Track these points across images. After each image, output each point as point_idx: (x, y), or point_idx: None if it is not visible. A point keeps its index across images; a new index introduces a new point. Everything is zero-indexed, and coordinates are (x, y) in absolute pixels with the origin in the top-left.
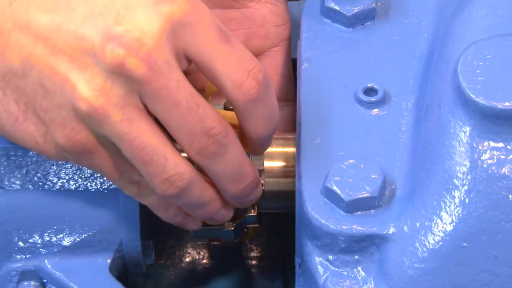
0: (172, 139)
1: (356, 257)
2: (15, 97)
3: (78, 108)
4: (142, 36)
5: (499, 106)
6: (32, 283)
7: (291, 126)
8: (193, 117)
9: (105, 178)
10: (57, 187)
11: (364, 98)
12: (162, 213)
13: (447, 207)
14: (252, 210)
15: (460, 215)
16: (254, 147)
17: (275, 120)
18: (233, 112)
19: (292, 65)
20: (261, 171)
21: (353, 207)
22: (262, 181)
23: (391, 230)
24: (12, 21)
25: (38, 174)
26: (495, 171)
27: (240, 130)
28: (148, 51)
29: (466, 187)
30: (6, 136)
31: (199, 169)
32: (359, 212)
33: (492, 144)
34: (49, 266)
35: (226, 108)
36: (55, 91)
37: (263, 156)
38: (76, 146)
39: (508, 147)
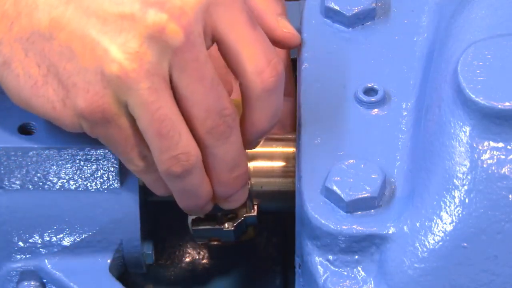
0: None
1: (356, 257)
2: (37, 59)
3: (108, 71)
4: (183, 5)
5: (499, 106)
6: (32, 283)
7: (290, 121)
8: (214, 94)
9: (105, 178)
10: (57, 187)
11: (364, 98)
12: (160, 193)
13: (447, 207)
14: (252, 210)
15: (460, 215)
16: (248, 141)
17: (278, 117)
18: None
19: (292, 65)
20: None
21: (353, 207)
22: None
23: (391, 230)
24: None
25: (38, 174)
26: (495, 171)
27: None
28: (188, 20)
29: (466, 187)
30: (22, 103)
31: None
32: (359, 212)
33: (492, 144)
34: (49, 266)
35: None
36: (84, 53)
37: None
38: (96, 111)
39: (508, 147)
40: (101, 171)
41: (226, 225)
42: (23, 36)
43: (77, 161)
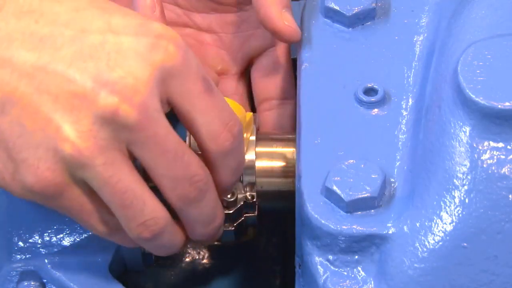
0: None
1: (356, 257)
2: None
3: (61, 149)
4: (136, 84)
5: (499, 106)
6: (32, 283)
7: (290, 124)
8: (179, 164)
9: None
10: None
11: (364, 98)
12: (133, 247)
13: (447, 207)
14: (253, 210)
15: (460, 215)
16: (220, 193)
17: (240, 172)
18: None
19: (292, 65)
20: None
21: (353, 207)
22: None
23: (391, 230)
24: None
25: None
26: (495, 171)
27: None
28: (141, 100)
29: (466, 187)
30: None
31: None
32: (359, 212)
33: (492, 144)
34: (49, 266)
35: None
36: (35, 130)
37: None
38: (47, 187)
39: (508, 147)
40: None
41: (227, 225)
42: None
43: None
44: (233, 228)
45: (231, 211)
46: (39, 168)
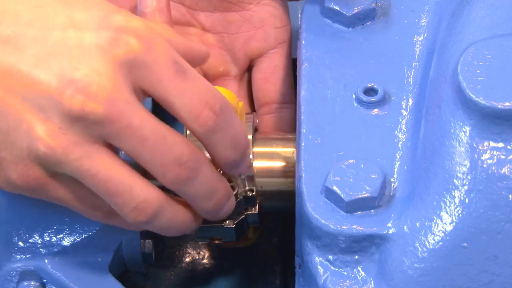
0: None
1: (356, 257)
2: None
3: (34, 149)
4: (100, 80)
5: (499, 106)
6: (32, 283)
7: (290, 128)
8: (161, 149)
9: None
10: None
11: (364, 98)
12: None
13: (447, 207)
14: (253, 208)
15: (460, 215)
16: (227, 171)
17: (242, 145)
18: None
19: (292, 65)
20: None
21: (353, 207)
22: (234, 192)
23: (391, 230)
24: None
25: None
26: (495, 171)
27: None
28: (107, 94)
29: (466, 187)
30: None
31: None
32: (359, 212)
33: (492, 144)
34: (49, 266)
35: None
36: (9, 130)
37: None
38: (29, 181)
39: (508, 147)
40: None
41: (227, 222)
42: None
43: None
44: (233, 226)
45: None
46: (18, 165)
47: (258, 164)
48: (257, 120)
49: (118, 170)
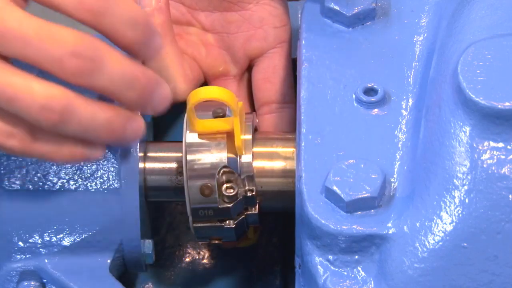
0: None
1: (356, 257)
2: None
3: None
4: None
5: (499, 106)
6: (32, 283)
7: (290, 128)
8: (50, 44)
9: (105, 178)
10: (57, 187)
11: (364, 98)
12: (57, 157)
13: (447, 207)
14: (253, 208)
15: (460, 215)
16: (138, 57)
17: (141, 23)
18: (223, 120)
19: (292, 65)
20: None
21: (353, 207)
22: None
23: (391, 230)
24: None
25: (38, 174)
26: (495, 171)
27: (228, 134)
28: None
29: (466, 187)
30: None
31: None
32: (359, 212)
33: (492, 144)
34: (49, 266)
35: (215, 116)
36: None
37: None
38: None
39: (508, 147)
40: (101, 171)
41: (227, 222)
42: None
43: None
44: (233, 226)
45: (230, 205)
46: None
47: (258, 164)
48: (257, 120)
49: (13, 75)
